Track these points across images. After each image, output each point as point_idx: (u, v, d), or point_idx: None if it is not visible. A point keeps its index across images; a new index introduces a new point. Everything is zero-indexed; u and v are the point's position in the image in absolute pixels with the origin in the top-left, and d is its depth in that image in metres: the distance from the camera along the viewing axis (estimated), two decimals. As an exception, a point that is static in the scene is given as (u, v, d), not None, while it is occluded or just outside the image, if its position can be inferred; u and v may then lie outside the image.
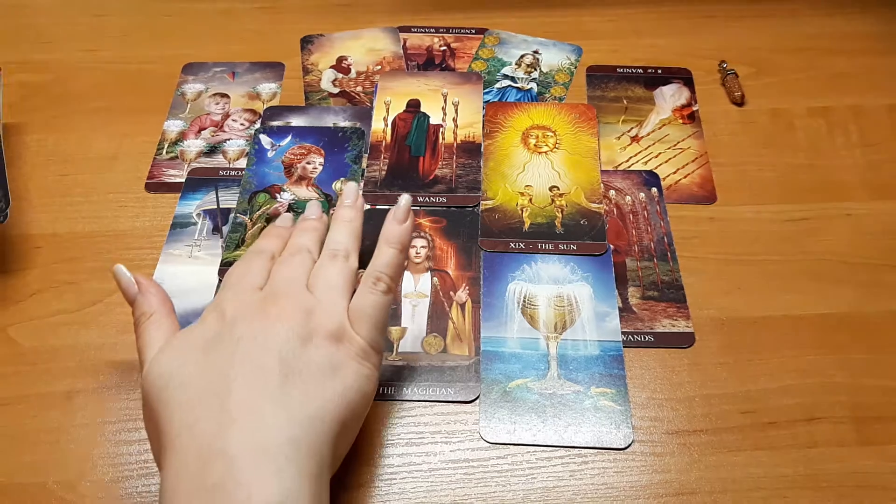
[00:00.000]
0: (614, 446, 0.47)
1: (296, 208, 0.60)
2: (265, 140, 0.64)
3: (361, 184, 0.61)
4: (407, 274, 0.56)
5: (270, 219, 0.58)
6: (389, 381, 0.50)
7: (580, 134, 0.64)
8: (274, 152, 0.63)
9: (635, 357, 0.51)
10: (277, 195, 0.60)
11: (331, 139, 0.65)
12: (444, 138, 0.64)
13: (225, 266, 0.56)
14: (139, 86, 0.69)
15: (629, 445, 0.47)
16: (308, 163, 0.62)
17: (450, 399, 0.50)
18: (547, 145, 0.64)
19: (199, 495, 0.33)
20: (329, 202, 0.60)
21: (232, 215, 0.59)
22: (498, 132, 0.65)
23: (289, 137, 0.65)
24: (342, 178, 0.61)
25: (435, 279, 0.56)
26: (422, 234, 0.58)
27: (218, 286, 0.55)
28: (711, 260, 0.56)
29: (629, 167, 0.63)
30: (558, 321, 0.53)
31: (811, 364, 0.51)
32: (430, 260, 0.57)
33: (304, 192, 0.61)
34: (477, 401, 0.49)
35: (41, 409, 0.49)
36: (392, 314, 0.54)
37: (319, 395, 0.38)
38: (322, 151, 0.63)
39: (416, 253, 0.57)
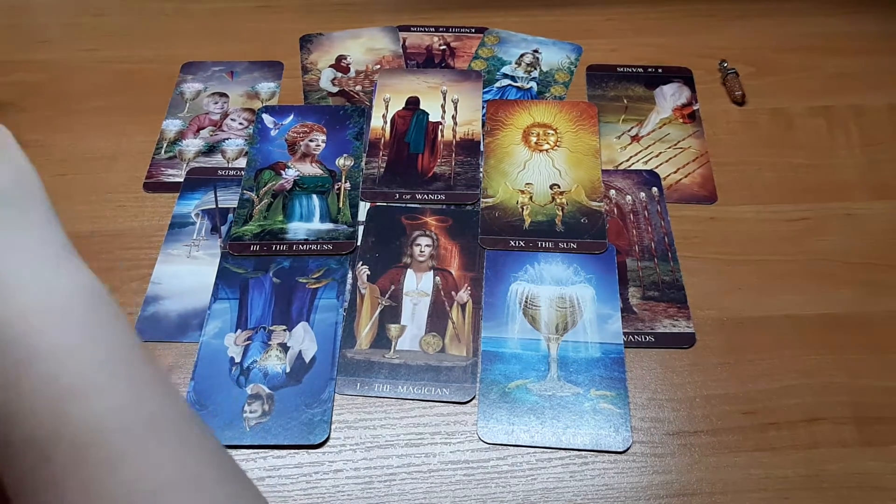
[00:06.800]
0: (612, 450, 0.47)
1: (301, 184, 0.60)
2: (268, 119, 0.65)
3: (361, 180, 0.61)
4: (409, 272, 0.56)
5: (276, 195, 0.59)
6: (385, 379, 0.50)
7: (581, 132, 0.64)
8: (277, 130, 0.65)
9: (636, 357, 0.51)
10: (282, 172, 0.61)
11: (332, 117, 0.66)
12: (443, 136, 0.64)
13: (234, 241, 0.57)
14: (138, 85, 0.69)
15: (627, 449, 0.47)
16: (311, 140, 0.64)
17: (445, 399, 0.49)
18: (548, 143, 0.64)
19: None
20: (333, 178, 0.61)
21: (239, 192, 0.60)
22: (499, 130, 0.65)
23: (291, 116, 0.66)
24: (345, 154, 0.62)
25: (437, 278, 0.55)
26: (427, 232, 0.58)
27: (217, 283, 0.55)
28: (712, 260, 0.56)
29: (629, 167, 0.62)
30: (560, 322, 0.53)
31: (812, 364, 0.51)
32: (433, 259, 0.56)
33: (308, 168, 0.62)
34: (475, 401, 0.49)
35: (39, 409, 0.49)
36: (392, 312, 0.54)
37: None
38: (324, 129, 0.65)
39: (421, 252, 0.57)
